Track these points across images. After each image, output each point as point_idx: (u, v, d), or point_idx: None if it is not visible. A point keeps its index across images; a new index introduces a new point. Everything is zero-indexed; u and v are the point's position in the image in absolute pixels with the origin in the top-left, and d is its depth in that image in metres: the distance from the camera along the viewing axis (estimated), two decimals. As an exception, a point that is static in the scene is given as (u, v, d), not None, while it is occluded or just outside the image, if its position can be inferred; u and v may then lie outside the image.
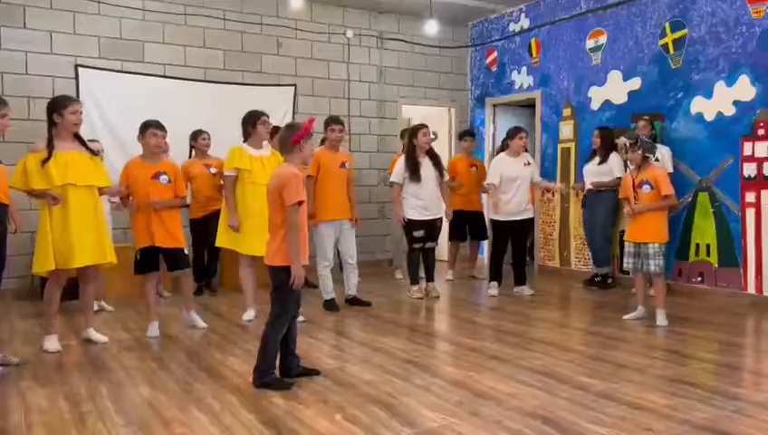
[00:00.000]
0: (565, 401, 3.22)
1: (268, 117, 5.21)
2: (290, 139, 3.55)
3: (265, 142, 5.22)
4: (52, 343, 4.28)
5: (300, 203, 3.42)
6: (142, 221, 4.65)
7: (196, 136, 6.28)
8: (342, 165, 5.63)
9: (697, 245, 6.11)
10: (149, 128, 4.68)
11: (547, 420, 2.98)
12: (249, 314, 5.21)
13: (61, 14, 6.42)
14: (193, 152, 6.33)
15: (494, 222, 6.27)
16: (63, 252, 4.13)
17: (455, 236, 7.28)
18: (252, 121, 5.12)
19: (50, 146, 4.12)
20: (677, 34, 6.27)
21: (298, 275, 3.41)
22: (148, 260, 4.71)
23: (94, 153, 4.36)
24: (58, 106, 4.19)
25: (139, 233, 4.67)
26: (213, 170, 6.14)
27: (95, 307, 5.58)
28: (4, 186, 4.24)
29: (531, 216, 6.30)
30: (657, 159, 5.86)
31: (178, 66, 6.99)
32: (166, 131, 4.74)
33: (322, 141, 6.69)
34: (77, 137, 4.29)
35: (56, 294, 4.33)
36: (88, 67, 6.52)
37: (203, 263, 6.43)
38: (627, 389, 3.40)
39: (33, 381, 3.63)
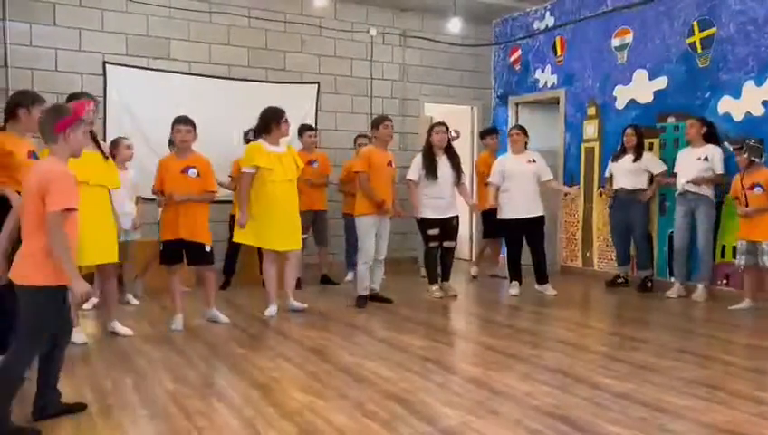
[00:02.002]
0: (584, 401, 3.21)
1: (286, 114, 5.28)
2: (53, 125, 2.85)
3: (282, 139, 5.28)
4: (77, 336, 4.35)
5: (68, 210, 2.73)
6: (170, 214, 4.76)
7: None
8: (389, 163, 5.75)
9: (723, 246, 6.03)
10: (175, 124, 4.82)
11: (565, 419, 2.97)
12: (271, 310, 5.27)
13: (89, 12, 6.53)
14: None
15: (504, 221, 6.24)
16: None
17: (487, 234, 7.20)
18: (276, 119, 5.16)
19: None
20: (706, 33, 6.18)
21: (83, 292, 2.75)
22: (172, 252, 4.81)
23: (106, 156, 4.41)
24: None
25: (165, 225, 4.80)
26: None
27: (124, 299, 5.74)
28: None
29: (539, 214, 6.19)
30: (705, 159, 5.79)
31: (203, 63, 7.07)
32: (192, 125, 4.81)
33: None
34: (91, 136, 4.33)
35: None
36: (115, 64, 6.63)
37: (235, 257, 6.51)
38: (647, 390, 3.38)
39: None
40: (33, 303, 2.76)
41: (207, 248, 4.85)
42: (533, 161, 6.20)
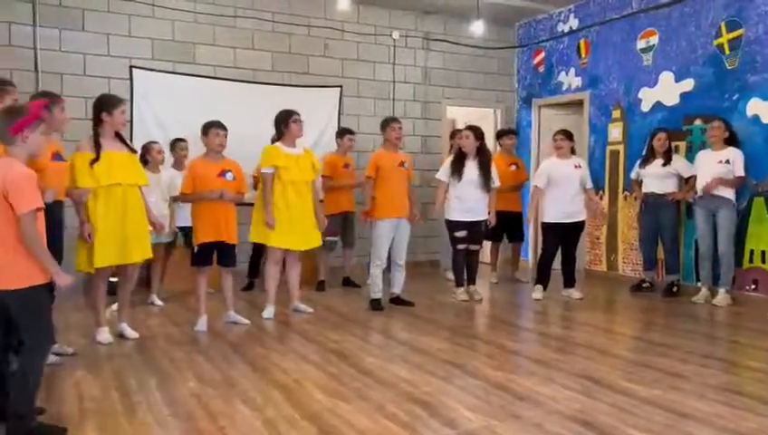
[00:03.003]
0: (608, 406, 3.18)
1: (299, 115, 5.30)
2: (8, 127, 2.78)
3: (298, 140, 5.33)
4: (103, 335, 4.44)
5: (38, 209, 2.78)
6: (209, 217, 4.78)
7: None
8: (401, 164, 5.72)
9: (752, 251, 5.92)
10: (212, 127, 4.84)
11: (589, 424, 2.94)
12: (269, 311, 5.29)
13: (117, 17, 6.64)
14: None
15: (544, 225, 6.22)
16: (111, 249, 4.25)
17: (492, 236, 7.19)
18: (285, 120, 5.24)
19: (97, 146, 4.24)
20: (733, 34, 6.09)
21: (67, 284, 2.88)
22: (206, 255, 4.86)
23: (134, 151, 4.52)
24: (108, 105, 4.30)
25: (204, 228, 4.80)
26: None
27: (149, 300, 5.82)
28: (65, 182, 4.31)
29: (582, 219, 6.18)
30: (727, 162, 5.70)
31: (228, 68, 7.14)
32: (227, 130, 4.89)
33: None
34: (118, 135, 4.42)
35: (102, 289, 4.49)
36: (142, 68, 6.72)
37: (259, 259, 6.56)
38: (672, 396, 3.33)
39: (86, 372, 3.78)
40: (27, 302, 2.77)
41: (236, 250, 4.98)
42: (579, 167, 6.15)
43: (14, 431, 2.73)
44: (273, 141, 6.36)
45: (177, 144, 6.10)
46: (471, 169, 5.93)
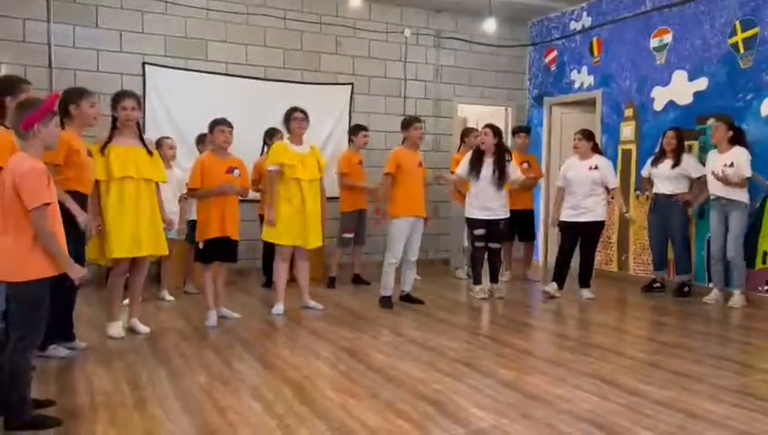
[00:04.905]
0: (620, 407, 3.16)
1: (303, 112, 5.31)
2: (19, 123, 2.82)
3: (304, 137, 5.36)
4: (116, 330, 4.47)
5: (47, 205, 2.77)
6: (216, 213, 4.82)
7: (272, 134, 6.39)
8: (420, 164, 5.75)
9: (765, 252, 5.87)
10: (218, 125, 4.89)
11: (600, 425, 2.93)
12: (278, 308, 5.31)
13: (130, 14, 6.67)
14: (265, 149, 6.47)
15: (559, 223, 6.24)
16: (120, 242, 4.28)
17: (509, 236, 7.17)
18: (287, 118, 5.33)
19: (108, 138, 4.34)
20: (748, 33, 6.03)
21: (79, 276, 2.91)
22: (212, 250, 4.88)
23: (150, 152, 4.51)
24: (114, 101, 4.41)
25: (211, 224, 4.82)
26: None
27: (160, 295, 5.84)
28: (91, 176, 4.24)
29: (595, 219, 6.08)
30: (732, 165, 5.64)
31: (240, 65, 7.16)
32: (232, 127, 4.93)
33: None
34: (138, 132, 4.47)
35: (120, 283, 4.52)
36: (154, 65, 6.75)
37: (272, 257, 6.57)
38: (684, 397, 3.31)
39: (98, 365, 3.80)
40: (25, 295, 2.79)
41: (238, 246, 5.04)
42: (596, 168, 6.07)
43: (10, 424, 2.78)
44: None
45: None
46: (488, 166, 5.92)
